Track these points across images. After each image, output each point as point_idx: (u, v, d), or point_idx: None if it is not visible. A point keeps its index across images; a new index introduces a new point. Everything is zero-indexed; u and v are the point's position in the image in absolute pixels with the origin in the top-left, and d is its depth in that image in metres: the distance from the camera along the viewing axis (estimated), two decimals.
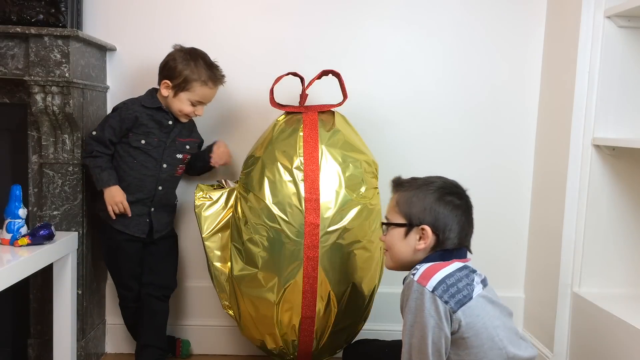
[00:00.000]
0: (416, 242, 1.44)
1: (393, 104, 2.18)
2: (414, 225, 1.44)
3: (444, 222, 1.42)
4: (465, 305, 1.33)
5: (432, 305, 1.31)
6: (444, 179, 1.50)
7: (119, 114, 1.90)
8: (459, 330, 1.32)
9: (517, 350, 1.39)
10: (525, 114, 2.21)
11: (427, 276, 1.33)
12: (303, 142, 1.81)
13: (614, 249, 1.94)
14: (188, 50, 1.93)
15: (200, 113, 1.95)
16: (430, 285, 1.32)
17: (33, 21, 1.88)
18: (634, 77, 1.90)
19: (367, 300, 1.89)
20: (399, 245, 1.47)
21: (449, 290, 1.32)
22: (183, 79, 1.88)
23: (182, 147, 1.99)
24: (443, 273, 1.35)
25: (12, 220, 1.74)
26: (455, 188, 1.48)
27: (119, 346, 2.21)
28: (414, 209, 1.44)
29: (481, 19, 2.17)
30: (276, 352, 1.88)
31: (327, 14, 2.15)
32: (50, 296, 1.90)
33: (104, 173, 1.89)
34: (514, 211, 2.25)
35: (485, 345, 1.34)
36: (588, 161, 1.92)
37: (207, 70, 1.91)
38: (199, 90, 1.90)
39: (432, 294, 1.31)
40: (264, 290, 1.79)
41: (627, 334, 1.66)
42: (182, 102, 1.91)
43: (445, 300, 1.31)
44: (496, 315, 1.39)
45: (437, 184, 1.46)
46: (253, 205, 1.80)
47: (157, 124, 1.93)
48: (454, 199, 1.45)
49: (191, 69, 1.89)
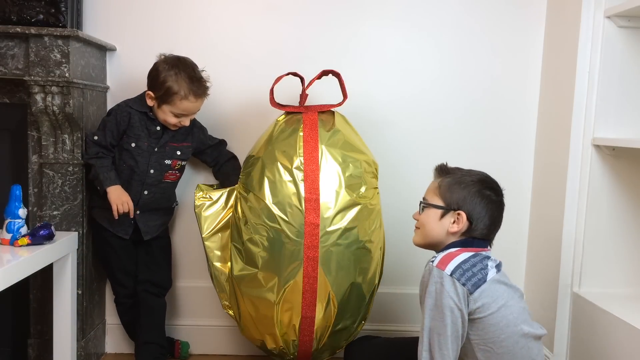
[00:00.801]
0: (450, 225, 1.55)
1: (393, 103, 2.18)
2: (451, 210, 1.55)
3: (478, 212, 1.54)
4: (481, 288, 1.43)
5: (451, 287, 1.41)
6: (486, 174, 1.61)
7: (115, 117, 1.91)
8: (475, 310, 1.43)
9: (530, 328, 1.49)
10: (525, 113, 2.21)
11: (445, 262, 1.45)
12: (303, 142, 1.80)
13: (614, 249, 1.94)
14: (172, 62, 1.89)
15: (186, 123, 1.93)
16: (449, 269, 1.43)
17: (33, 21, 1.88)
18: (634, 77, 1.90)
19: (367, 300, 1.89)
20: (433, 225, 1.57)
21: (465, 274, 1.43)
22: (164, 91, 1.86)
23: (172, 152, 1.98)
24: (459, 259, 1.46)
25: (12, 220, 1.74)
26: (493, 184, 1.59)
27: (119, 346, 2.21)
28: (454, 195, 1.55)
29: (481, 19, 2.17)
30: (276, 352, 1.88)
31: (327, 14, 2.15)
32: (50, 296, 1.90)
33: (111, 172, 1.90)
34: (514, 211, 2.24)
35: (500, 323, 1.44)
36: (588, 161, 1.92)
37: (188, 83, 1.86)
38: (179, 104, 1.87)
39: (450, 277, 1.42)
40: (264, 290, 1.79)
41: (627, 334, 1.66)
42: (165, 114, 1.90)
43: (462, 283, 1.42)
44: (510, 296, 1.48)
45: (479, 177, 1.58)
46: (253, 205, 1.80)
47: (146, 129, 1.93)
48: (492, 194, 1.56)
49: (172, 82, 1.85)
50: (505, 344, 1.44)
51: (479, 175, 1.59)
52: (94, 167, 1.89)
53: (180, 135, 1.99)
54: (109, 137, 1.90)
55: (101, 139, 1.90)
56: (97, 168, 1.89)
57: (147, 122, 1.93)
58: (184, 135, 2.00)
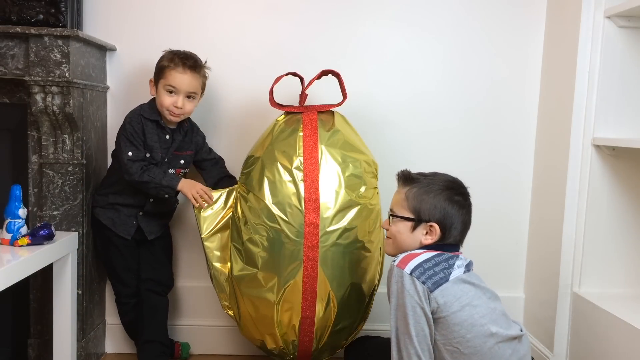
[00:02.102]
0: (422, 237, 1.54)
1: (393, 103, 2.18)
2: (423, 221, 1.53)
3: (450, 221, 1.52)
4: (442, 286, 1.43)
5: (411, 285, 1.42)
6: (449, 176, 1.60)
7: (132, 127, 1.89)
8: (437, 309, 1.43)
9: (500, 328, 1.46)
10: (525, 113, 2.21)
11: (406, 261, 1.45)
12: (303, 142, 1.80)
13: (614, 249, 1.94)
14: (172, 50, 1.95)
15: (180, 104, 1.89)
16: (409, 268, 1.44)
17: (33, 21, 1.88)
18: (634, 77, 1.90)
19: (367, 300, 1.89)
20: (404, 237, 1.56)
21: (426, 272, 1.43)
22: (157, 68, 1.91)
23: (176, 161, 1.98)
24: (421, 258, 1.46)
25: (12, 220, 1.74)
26: (461, 187, 1.58)
27: (119, 346, 2.21)
28: (424, 206, 1.53)
29: (481, 19, 2.17)
30: (276, 352, 1.88)
31: (327, 14, 2.15)
32: (50, 296, 1.90)
33: (167, 176, 1.90)
34: (514, 211, 2.25)
35: (465, 322, 1.43)
36: (588, 161, 1.92)
37: (177, 55, 1.91)
38: (168, 74, 1.88)
39: (410, 275, 1.43)
40: (263, 290, 1.79)
41: (627, 334, 1.66)
42: (160, 94, 1.90)
43: (422, 281, 1.42)
44: (477, 296, 1.48)
45: (445, 183, 1.55)
46: (253, 205, 1.80)
47: (157, 137, 1.93)
48: (461, 199, 1.55)
49: (166, 59, 1.91)
50: (471, 344, 1.42)
51: (445, 181, 1.56)
52: (151, 182, 1.86)
53: (184, 143, 1.99)
54: (140, 147, 1.89)
55: (135, 153, 1.87)
56: (153, 179, 1.87)
57: (159, 130, 1.93)
58: (187, 143, 2.01)
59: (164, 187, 1.88)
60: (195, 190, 1.89)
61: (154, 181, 1.87)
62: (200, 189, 1.90)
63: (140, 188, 1.89)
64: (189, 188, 1.90)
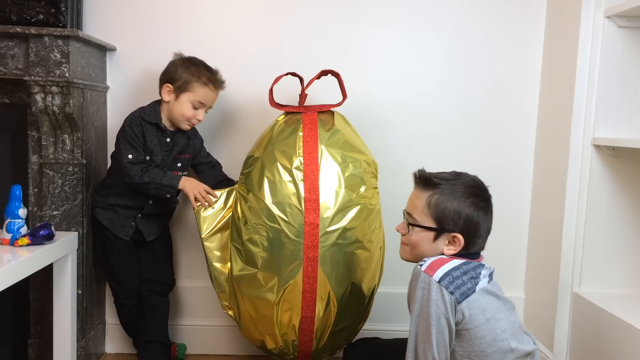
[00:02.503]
0: (445, 247, 1.44)
1: (393, 103, 2.18)
2: (446, 231, 1.43)
3: (475, 230, 1.43)
4: (469, 298, 1.35)
5: (438, 295, 1.33)
6: (470, 178, 1.49)
7: (132, 129, 1.88)
8: (462, 321, 1.35)
9: (519, 343, 1.42)
10: (525, 113, 2.21)
11: (435, 267, 1.36)
12: (303, 142, 1.80)
13: (614, 249, 1.94)
14: (188, 57, 1.95)
15: (202, 118, 1.93)
16: (437, 276, 1.35)
17: (33, 21, 1.88)
18: (634, 77, 1.90)
19: (367, 300, 1.89)
20: (425, 247, 1.46)
21: (455, 282, 1.35)
22: (184, 80, 1.89)
23: (174, 164, 1.98)
24: (450, 265, 1.37)
25: (12, 220, 1.74)
26: (484, 192, 1.48)
27: (119, 346, 2.21)
28: (447, 215, 1.42)
29: (481, 19, 2.17)
30: (276, 352, 1.88)
31: (327, 14, 2.15)
32: (50, 296, 1.90)
33: (167, 176, 1.90)
34: (514, 211, 2.25)
35: (487, 337, 1.37)
36: (588, 161, 1.92)
37: (207, 72, 1.92)
38: (200, 91, 1.90)
39: (438, 284, 1.34)
40: (263, 290, 1.79)
41: (627, 334, 1.66)
42: (183, 105, 1.90)
43: (450, 291, 1.34)
44: (499, 309, 1.41)
45: (469, 189, 1.44)
46: (253, 205, 1.80)
47: (157, 140, 1.93)
48: (485, 204, 1.45)
49: (191, 71, 1.90)
50: (490, 358, 1.37)
51: (468, 186, 1.45)
52: (151, 183, 1.86)
53: (183, 146, 1.99)
54: (140, 150, 1.89)
55: (136, 155, 1.87)
56: (154, 180, 1.86)
57: (159, 133, 1.93)
58: (186, 146, 2.00)
59: (165, 186, 1.88)
60: (197, 190, 1.89)
61: (154, 181, 1.87)
62: (202, 189, 1.90)
63: (141, 190, 1.89)
64: (191, 187, 1.90)
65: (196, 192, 1.89)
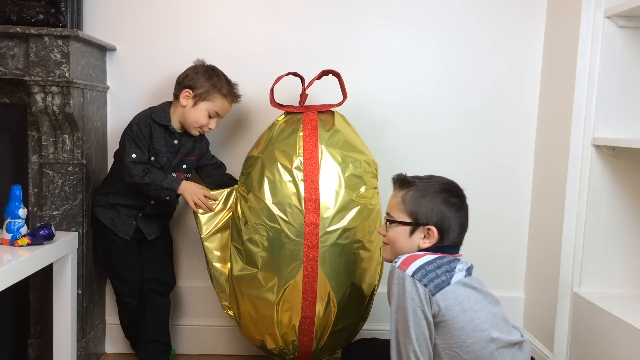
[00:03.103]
0: (420, 240, 1.52)
1: (393, 103, 2.18)
2: (420, 225, 1.51)
3: (448, 224, 1.51)
4: (444, 289, 1.41)
5: (412, 288, 1.40)
6: (445, 179, 1.58)
7: (140, 129, 1.88)
8: (439, 313, 1.41)
9: (501, 333, 1.45)
10: (525, 114, 2.21)
11: (408, 262, 1.43)
12: (303, 142, 1.81)
13: (614, 249, 1.94)
14: (211, 66, 1.97)
15: (213, 127, 1.95)
16: (410, 270, 1.41)
17: (33, 21, 1.88)
18: (634, 77, 1.90)
19: (367, 300, 1.89)
20: (403, 242, 1.54)
21: (428, 275, 1.41)
22: (205, 89, 1.91)
23: (180, 165, 1.98)
24: (423, 260, 1.44)
25: (12, 220, 1.74)
26: (457, 190, 1.56)
27: (119, 346, 2.21)
28: (421, 209, 1.51)
29: (481, 19, 2.17)
30: (276, 352, 1.88)
31: (327, 14, 2.15)
32: (50, 296, 1.90)
33: (168, 178, 1.90)
34: (514, 211, 2.25)
35: (466, 327, 1.41)
36: (588, 161, 1.92)
37: (227, 85, 1.95)
38: (219, 102, 1.92)
39: (412, 278, 1.40)
40: (263, 290, 1.79)
41: (627, 334, 1.66)
42: (199, 112, 1.91)
43: (424, 284, 1.40)
44: (478, 300, 1.46)
45: (442, 186, 1.53)
46: (253, 205, 1.80)
47: (164, 141, 1.93)
48: (458, 201, 1.53)
49: (214, 82, 1.92)
50: (471, 349, 1.41)
51: (441, 183, 1.54)
52: (152, 184, 1.86)
53: (190, 149, 1.99)
54: (145, 150, 1.89)
55: (139, 155, 1.87)
56: (154, 181, 1.87)
57: (166, 135, 1.93)
58: (192, 148, 2.00)
59: (164, 189, 1.88)
60: (196, 196, 1.89)
61: (154, 183, 1.87)
62: (202, 194, 1.90)
63: (141, 190, 1.89)
64: (190, 193, 1.90)
65: (195, 199, 1.89)
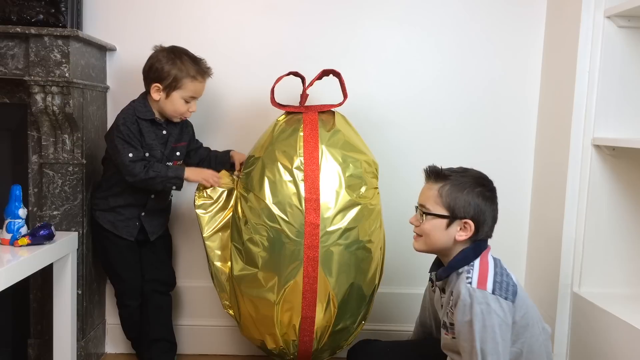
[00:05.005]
0: (457, 233, 1.53)
1: (393, 103, 2.18)
2: (457, 218, 1.53)
3: (483, 217, 1.54)
4: (517, 293, 1.46)
5: (497, 305, 1.42)
6: (478, 172, 1.60)
7: (128, 128, 1.86)
8: (516, 318, 1.45)
9: (545, 324, 1.55)
10: (525, 113, 2.21)
11: (483, 280, 1.45)
12: (303, 142, 1.80)
13: (614, 249, 1.94)
14: (170, 49, 1.91)
15: (194, 109, 1.93)
16: (489, 287, 1.44)
17: (33, 21, 1.88)
18: (634, 77, 1.90)
19: (367, 300, 1.88)
20: (438, 235, 1.55)
21: (502, 285, 1.45)
22: (172, 78, 1.87)
23: (172, 154, 1.98)
24: (491, 271, 1.47)
25: (12, 220, 1.74)
26: (490, 183, 1.59)
27: (119, 346, 2.21)
28: (458, 202, 1.52)
29: (481, 19, 2.17)
30: (276, 352, 1.88)
31: (328, 14, 2.15)
32: (50, 296, 1.90)
33: (170, 168, 1.90)
34: (514, 211, 2.25)
35: (536, 324, 1.49)
36: (588, 161, 1.92)
37: (193, 64, 1.90)
38: (190, 86, 1.89)
39: (494, 295, 1.42)
40: (264, 290, 1.79)
41: (627, 334, 1.66)
42: (175, 102, 1.89)
43: (505, 297, 1.43)
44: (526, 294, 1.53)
45: (477, 180, 1.56)
46: (253, 205, 1.80)
47: (155, 135, 1.92)
48: (491, 195, 1.57)
49: (178, 67, 1.87)
50: (533, 341, 1.48)
51: (475, 176, 1.57)
52: (157, 177, 1.85)
53: (178, 135, 1.99)
54: (139, 147, 1.88)
55: (136, 154, 1.86)
56: (159, 173, 1.86)
57: (154, 127, 1.93)
58: (180, 134, 2.00)
59: (170, 178, 1.87)
60: (202, 175, 1.90)
61: (159, 175, 1.86)
62: (209, 176, 1.91)
63: (146, 186, 1.88)
64: (196, 174, 1.90)
65: (204, 175, 1.90)
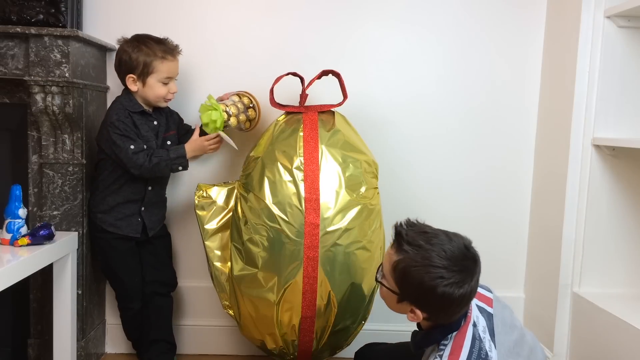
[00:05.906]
0: (408, 314, 1.35)
1: (393, 104, 2.18)
2: (405, 301, 1.34)
3: (436, 313, 1.32)
4: None
5: None
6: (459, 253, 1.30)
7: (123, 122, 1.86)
8: None
9: None
10: (525, 114, 2.21)
11: None
12: (303, 142, 1.80)
13: (614, 249, 1.94)
14: (133, 38, 1.91)
15: (175, 89, 1.94)
16: None
17: (33, 21, 1.88)
18: (634, 77, 1.90)
19: (367, 300, 1.88)
20: (392, 306, 1.39)
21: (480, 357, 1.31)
22: (143, 64, 1.87)
23: (164, 144, 1.98)
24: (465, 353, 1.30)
25: (12, 220, 1.74)
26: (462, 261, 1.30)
27: (119, 346, 2.21)
28: (409, 287, 1.31)
29: (481, 19, 2.17)
30: (276, 352, 1.88)
31: (328, 14, 2.15)
32: (50, 296, 1.90)
33: (171, 151, 1.91)
34: (514, 211, 2.25)
35: None
36: (588, 161, 1.92)
37: (159, 45, 1.89)
38: (162, 67, 1.88)
39: None
40: (264, 290, 1.79)
41: (627, 334, 1.66)
42: (153, 87, 1.89)
43: None
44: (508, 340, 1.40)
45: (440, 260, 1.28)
46: (253, 205, 1.80)
47: (148, 127, 1.93)
48: (455, 290, 1.27)
49: (145, 52, 1.87)
50: None
51: (444, 262, 1.27)
52: (161, 162, 1.88)
53: (166, 125, 1.99)
54: (137, 139, 1.88)
55: (136, 145, 1.86)
56: (162, 158, 1.88)
57: (145, 119, 1.93)
58: (167, 124, 2.01)
59: (174, 159, 1.89)
60: (202, 145, 1.94)
61: (162, 159, 1.88)
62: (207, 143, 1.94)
63: (153, 174, 1.90)
64: (197, 147, 1.94)
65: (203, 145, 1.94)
